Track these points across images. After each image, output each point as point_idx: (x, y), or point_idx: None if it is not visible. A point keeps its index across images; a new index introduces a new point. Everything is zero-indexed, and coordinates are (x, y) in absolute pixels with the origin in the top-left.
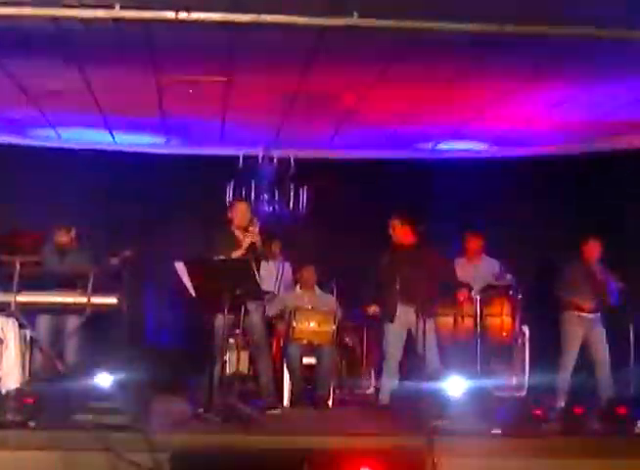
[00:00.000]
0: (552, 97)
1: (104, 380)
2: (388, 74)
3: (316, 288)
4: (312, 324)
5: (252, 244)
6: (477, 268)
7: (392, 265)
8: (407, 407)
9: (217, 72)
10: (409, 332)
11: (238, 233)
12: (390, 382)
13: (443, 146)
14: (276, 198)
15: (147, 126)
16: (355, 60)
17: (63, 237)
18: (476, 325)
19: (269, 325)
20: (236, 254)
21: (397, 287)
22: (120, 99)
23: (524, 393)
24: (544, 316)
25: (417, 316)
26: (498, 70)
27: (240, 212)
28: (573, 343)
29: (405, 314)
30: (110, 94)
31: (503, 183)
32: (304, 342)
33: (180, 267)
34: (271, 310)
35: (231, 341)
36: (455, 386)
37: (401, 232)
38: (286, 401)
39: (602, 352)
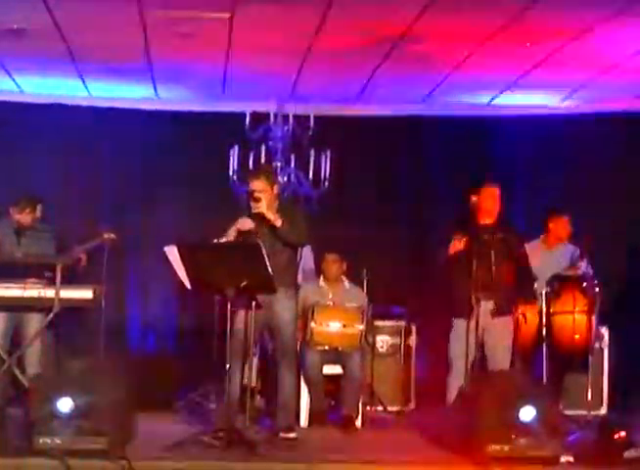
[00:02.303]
0: None
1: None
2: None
3: (345, 280)
4: (335, 324)
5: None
6: (553, 256)
7: (472, 248)
8: (458, 429)
9: (218, 6)
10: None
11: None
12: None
13: (503, 100)
14: (292, 165)
15: (129, 74)
16: None
17: (25, 216)
18: (541, 326)
19: None
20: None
21: (477, 275)
22: (95, 40)
23: (602, 411)
24: (629, 314)
25: (494, 313)
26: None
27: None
28: None
29: (483, 311)
30: (82, 33)
31: (578, 146)
32: (326, 347)
33: (171, 253)
34: None
35: None
36: None
37: (493, 206)
38: (303, 421)
39: None
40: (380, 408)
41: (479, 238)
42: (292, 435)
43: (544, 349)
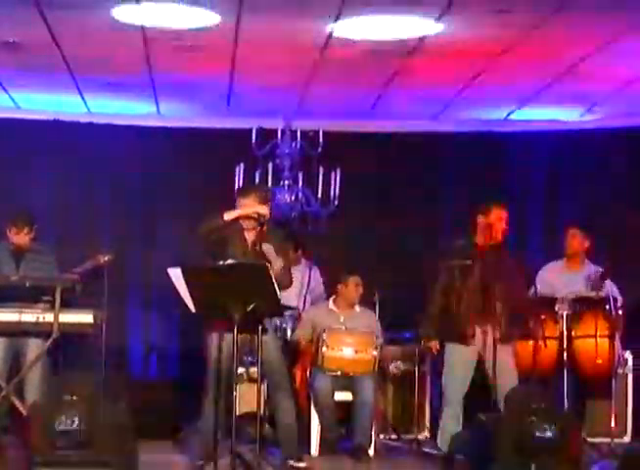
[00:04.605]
0: None
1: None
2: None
3: (356, 303)
4: (347, 350)
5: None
6: (574, 278)
7: (470, 270)
8: (473, 458)
9: (222, 16)
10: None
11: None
12: (453, 424)
13: (521, 114)
14: (300, 184)
15: (130, 90)
16: None
17: (22, 237)
18: (562, 350)
19: (293, 351)
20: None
21: (475, 298)
22: (95, 53)
23: (626, 438)
24: None
25: (495, 339)
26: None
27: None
28: None
29: (480, 336)
30: (80, 46)
31: (597, 162)
32: (338, 372)
33: (175, 275)
34: (296, 332)
35: (241, 370)
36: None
37: (501, 228)
38: (314, 450)
39: None
40: (393, 437)
41: (482, 261)
42: (301, 464)
43: (565, 373)
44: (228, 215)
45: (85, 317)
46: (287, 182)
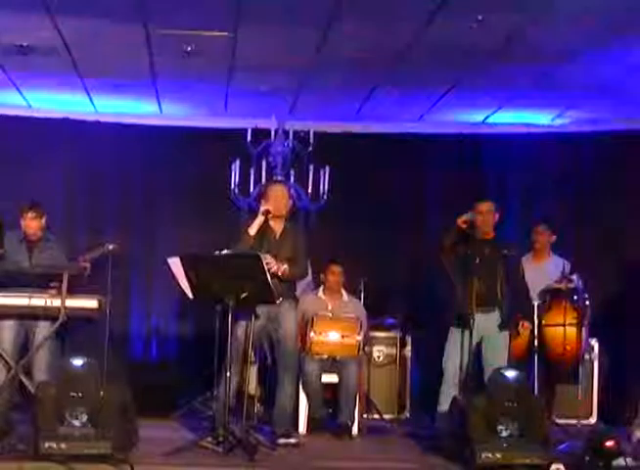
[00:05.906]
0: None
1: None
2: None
3: (344, 292)
4: (334, 335)
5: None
6: (542, 269)
7: (472, 259)
8: (452, 437)
9: (221, 25)
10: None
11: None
12: (447, 403)
13: (498, 118)
14: (292, 180)
15: (134, 91)
16: None
17: (37, 222)
18: (533, 337)
19: None
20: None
21: (477, 285)
22: (102, 57)
23: (592, 420)
24: (619, 327)
25: (502, 326)
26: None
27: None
28: None
29: (483, 322)
30: (88, 51)
31: (575, 165)
32: (324, 356)
33: (174, 264)
34: None
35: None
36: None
37: (490, 221)
38: (302, 428)
39: None
40: (376, 416)
41: (481, 252)
42: (292, 440)
43: (536, 359)
44: (252, 230)
45: (91, 303)
46: (279, 178)
